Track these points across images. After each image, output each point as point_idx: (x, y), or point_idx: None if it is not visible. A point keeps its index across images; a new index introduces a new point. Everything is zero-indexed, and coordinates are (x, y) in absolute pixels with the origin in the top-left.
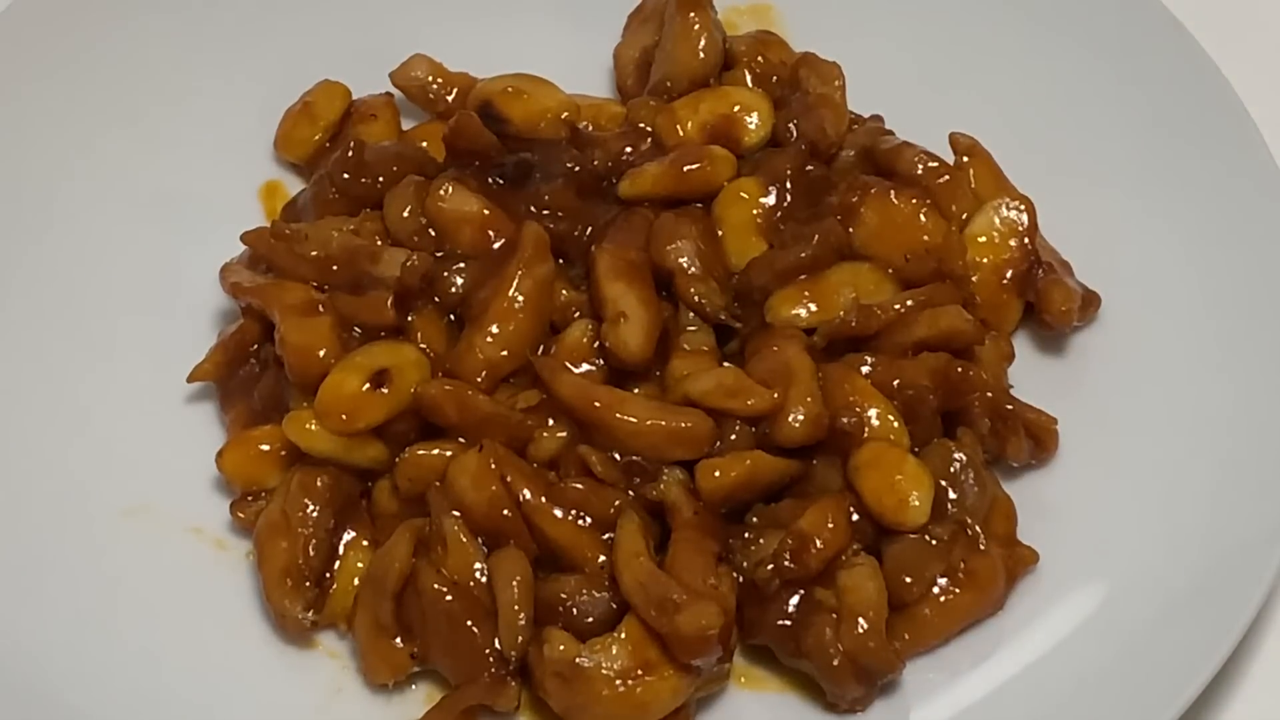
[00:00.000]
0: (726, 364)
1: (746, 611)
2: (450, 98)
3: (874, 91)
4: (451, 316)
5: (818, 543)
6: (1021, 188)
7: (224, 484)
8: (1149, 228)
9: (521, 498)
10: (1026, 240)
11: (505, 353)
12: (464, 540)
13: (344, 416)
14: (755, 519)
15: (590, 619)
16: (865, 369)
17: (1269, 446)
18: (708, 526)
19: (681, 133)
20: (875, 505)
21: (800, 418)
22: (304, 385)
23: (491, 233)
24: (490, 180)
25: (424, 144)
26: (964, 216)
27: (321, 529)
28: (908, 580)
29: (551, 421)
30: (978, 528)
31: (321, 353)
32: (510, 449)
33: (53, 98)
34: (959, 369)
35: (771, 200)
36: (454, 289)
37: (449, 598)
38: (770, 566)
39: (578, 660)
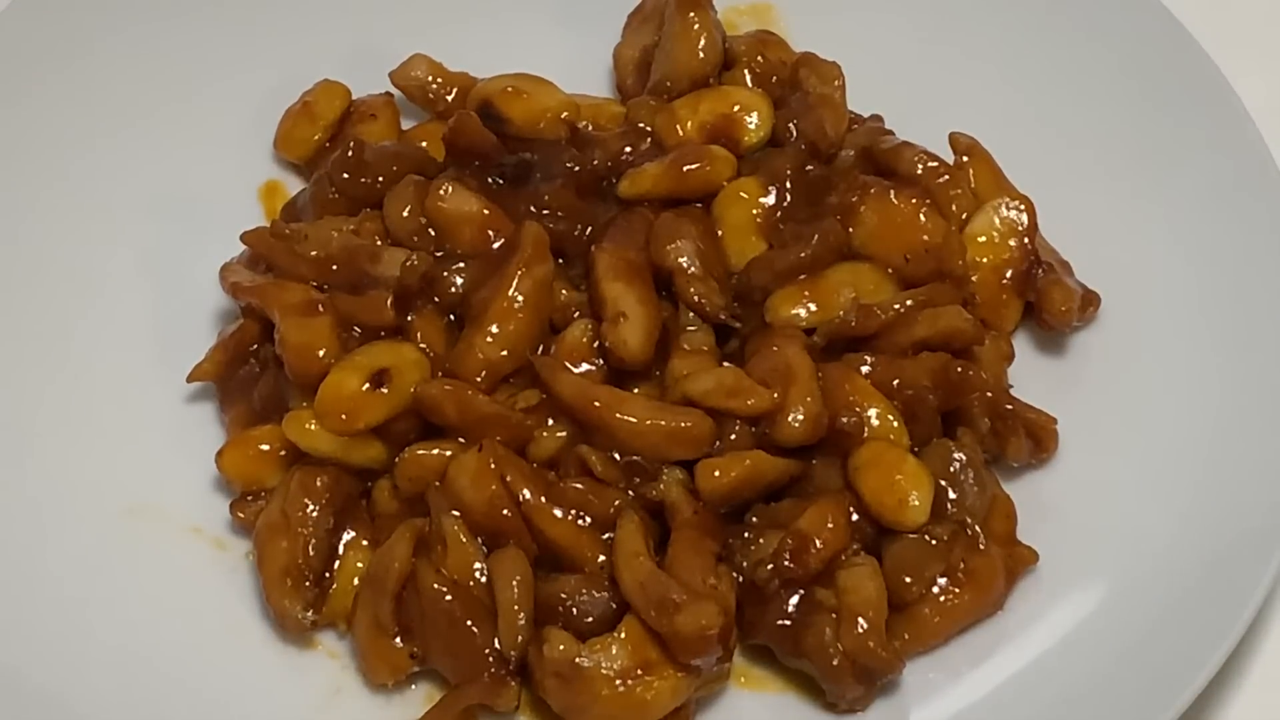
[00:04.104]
0: (726, 364)
1: (746, 611)
2: (450, 98)
3: (874, 91)
4: (451, 316)
5: (817, 543)
6: (1021, 188)
7: (224, 484)
8: (1148, 227)
9: (521, 498)
10: (1026, 240)
11: (505, 353)
12: (464, 540)
13: (344, 416)
14: (755, 519)
15: (590, 619)
16: (865, 369)
17: (1268, 446)
18: (708, 526)
19: (681, 132)
20: (875, 505)
21: (800, 417)
22: (304, 385)
23: (491, 233)
24: (490, 180)
25: (424, 144)
26: (964, 216)
27: (321, 529)
28: (908, 580)
29: (551, 421)
30: (978, 528)
31: (321, 353)
32: (510, 449)
33: (52, 97)
34: (959, 369)
35: (771, 200)
36: (454, 289)
37: (449, 598)
38: (770, 566)
39: (578, 660)
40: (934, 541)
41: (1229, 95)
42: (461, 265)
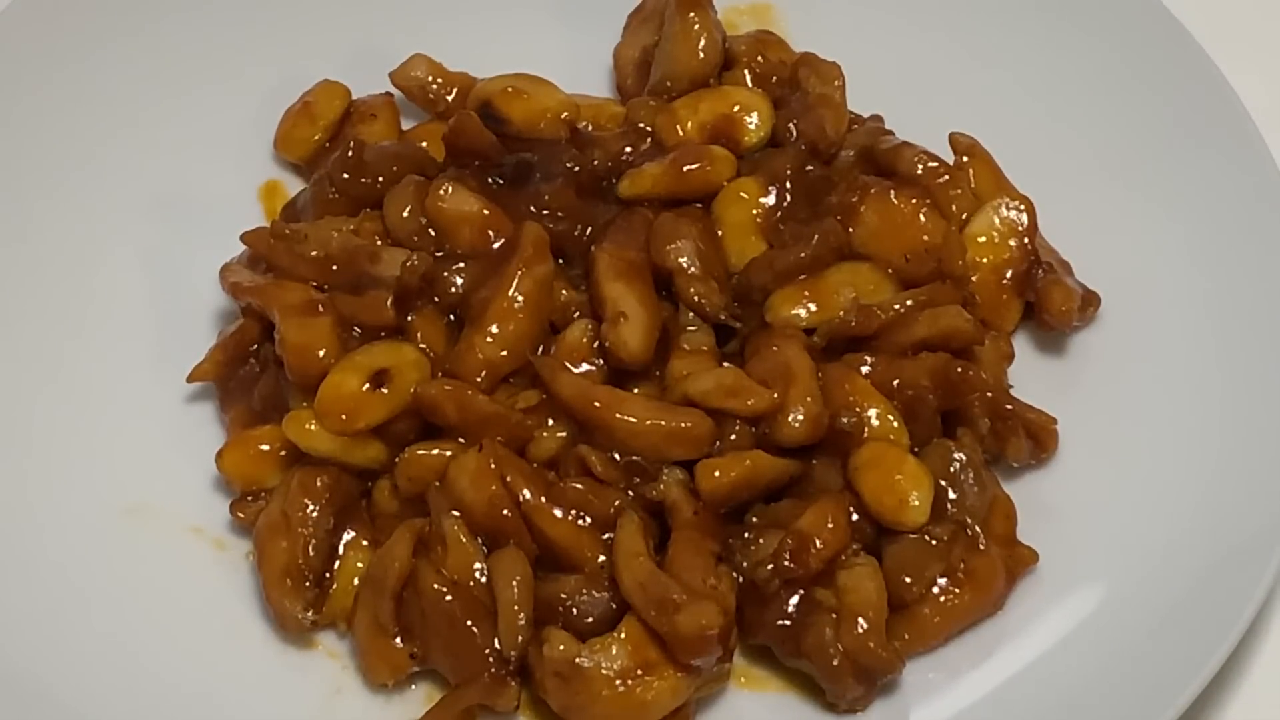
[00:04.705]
0: (726, 364)
1: (746, 611)
2: (450, 98)
3: (874, 91)
4: (451, 316)
5: (817, 543)
6: (1021, 188)
7: (224, 484)
8: (1149, 228)
9: (521, 498)
10: (1026, 240)
11: (505, 353)
12: (464, 540)
13: (344, 416)
14: (755, 519)
15: (590, 619)
16: (865, 369)
17: (1268, 446)
18: (708, 526)
19: (681, 133)
20: (875, 505)
21: (800, 417)
22: (304, 385)
23: (491, 233)
24: (490, 180)
25: (424, 144)
26: (964, 216)
27: (321, 529)
28: (908, 580)
29: (551, 421)
30: (978, 528)
31: (321, 353)
32: (510, 449)
33: (52, 98)
34: (959, 369)
35: (771, 200)
36: (454, 289)
37: (449, 598)
38: (770, 566)
39: (578, 660)
40: (934, 541)
41: (1228, 94)
42: (461, 265)
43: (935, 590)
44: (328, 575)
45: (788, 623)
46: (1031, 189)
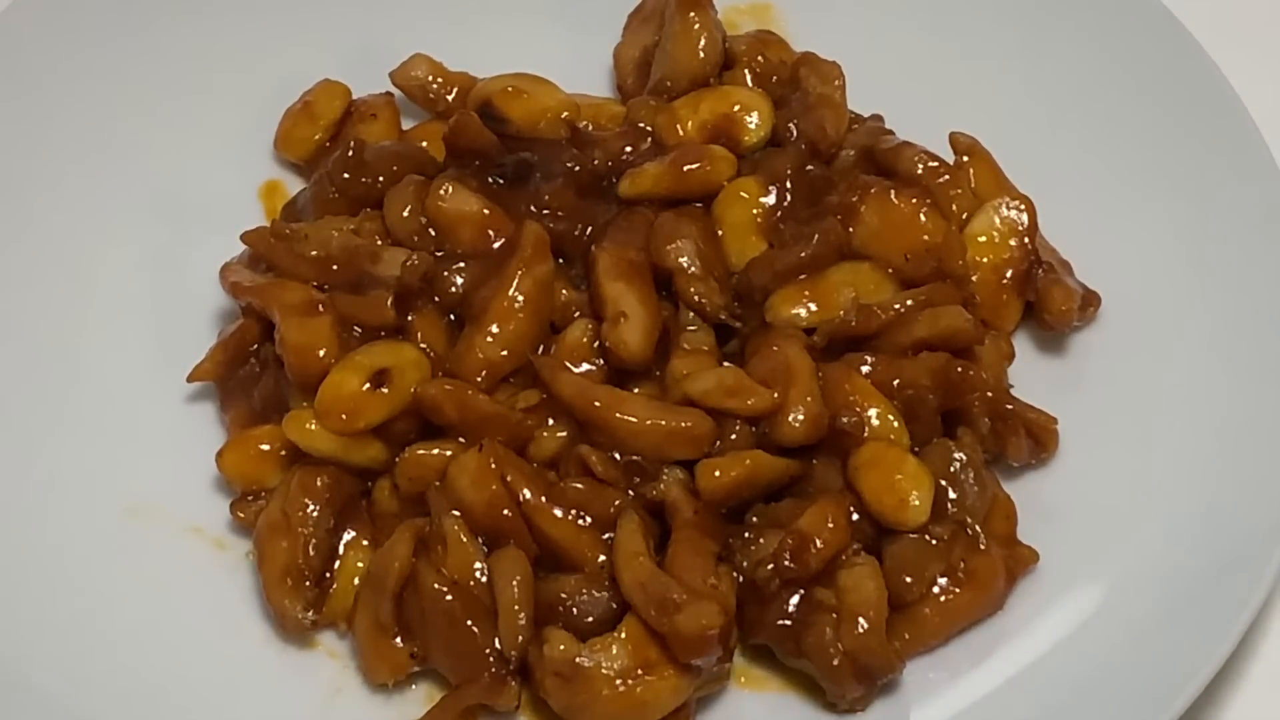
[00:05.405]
0: (726, 364)
1: (746, 611)
2: (450, 97)
3: (874, 91)
4: (451, 316)
5: (818, 542)
6: (1021, 188)
7: (224, 484)
8: (1149, 228)
9: (521, 497)
10: (1026, 240)
11: (505, 352)
12: (464, 540)
13: (344, 416)
14: (755, 519)
15: (590, 619)
16: (865, 369)
17: (1268, 446)
18: (708, 526)
19: (681, 132)
20: (875, 505)
21: (800, 417)
22: (304, 385)
23: (491, 232)
24: (490, 180)
25: (424, 144)
26: (964, 216)
27: (321, 529)
28: (908, 580)
29: (551, 421)
30: (978, 527)
31: (321, 352)
32: (510, 449)
33: (53, 97)
34: (959, 369)
35: (771, 200)
36: (454, 289)
37: (449, 597)
38: (770, 566)
39: (578, 660)
40: (934, 541)
41: (1229, 94)
42: (462, 265)
43: (935, 590)
44: (328, 575)
45: (788, 623)
46: (1031, 189)
